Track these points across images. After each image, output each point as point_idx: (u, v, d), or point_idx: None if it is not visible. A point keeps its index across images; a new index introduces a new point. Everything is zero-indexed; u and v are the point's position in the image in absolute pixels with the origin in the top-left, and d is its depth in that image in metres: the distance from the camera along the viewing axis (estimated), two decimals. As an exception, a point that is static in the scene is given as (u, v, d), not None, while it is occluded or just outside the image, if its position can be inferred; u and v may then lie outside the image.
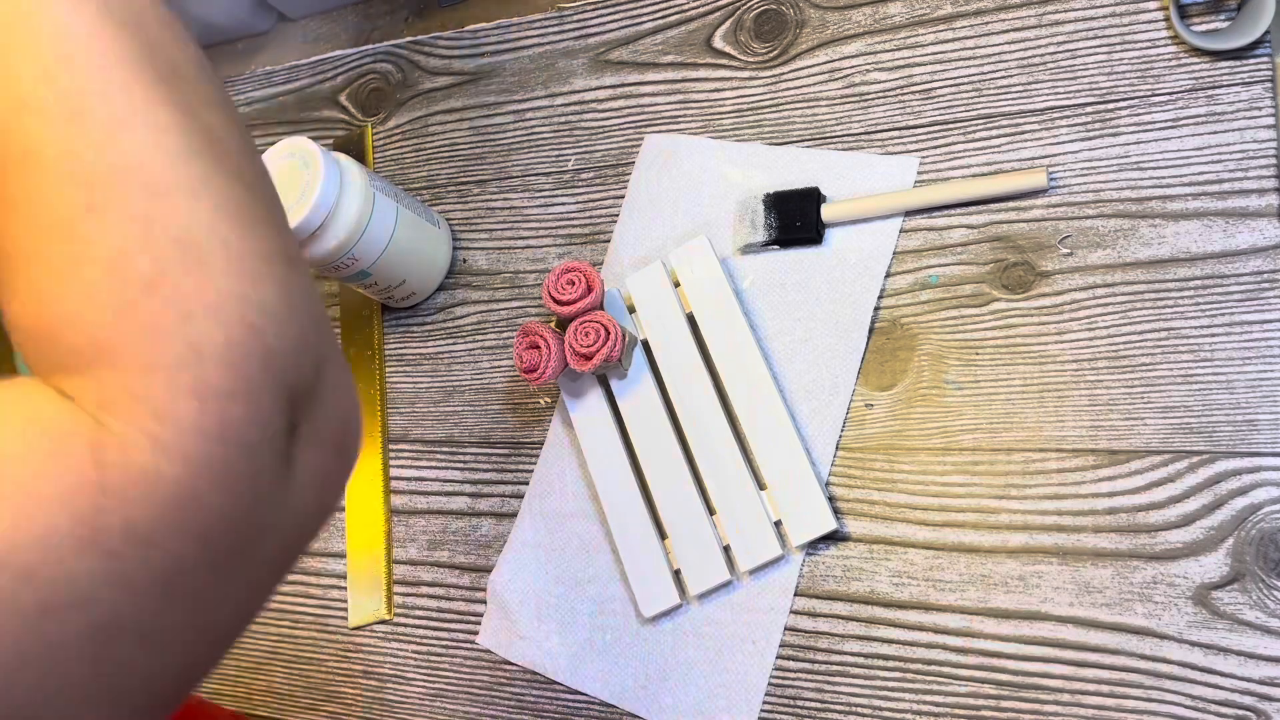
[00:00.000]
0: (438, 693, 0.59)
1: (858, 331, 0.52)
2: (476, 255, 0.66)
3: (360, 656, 0.62)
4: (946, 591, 0.48)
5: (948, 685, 0.47)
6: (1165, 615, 0.44)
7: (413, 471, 0.63)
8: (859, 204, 0.53)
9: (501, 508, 0.60)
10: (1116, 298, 0.48)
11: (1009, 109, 0.53)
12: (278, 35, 0.82)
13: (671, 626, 0.53)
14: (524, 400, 0.61)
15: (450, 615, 0.60)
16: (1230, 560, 0.43)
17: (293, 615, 0.65)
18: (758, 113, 0.59)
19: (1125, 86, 0.50)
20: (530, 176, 0.65)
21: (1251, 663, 0.42)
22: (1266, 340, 0.45)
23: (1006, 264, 0.50)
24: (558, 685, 0.55)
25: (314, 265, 0.59)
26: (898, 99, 0.55)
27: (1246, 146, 0.47)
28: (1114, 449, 0.46)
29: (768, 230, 0.55)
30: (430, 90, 0.71)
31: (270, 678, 0.64)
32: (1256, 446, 0.44)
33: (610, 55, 0.65)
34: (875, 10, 0.57)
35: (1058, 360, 0.48)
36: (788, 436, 0.51)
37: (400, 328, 0.67)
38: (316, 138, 0.76)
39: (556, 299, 0.54)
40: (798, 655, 0.50)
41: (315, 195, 0.56)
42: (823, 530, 0.50)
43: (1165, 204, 0.48)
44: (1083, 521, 0.46)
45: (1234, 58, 0.49)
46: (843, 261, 0.54)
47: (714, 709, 0.51)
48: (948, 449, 0.50)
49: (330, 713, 0.62)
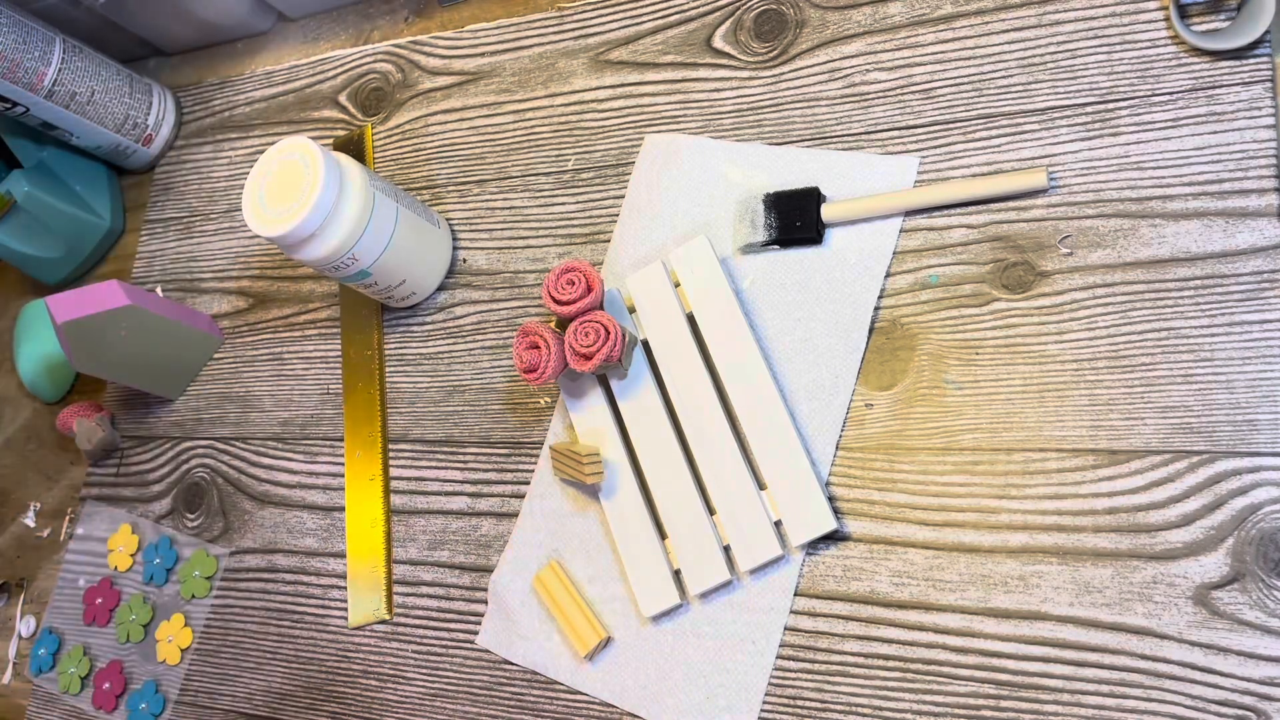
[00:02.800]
0: (438, 693, 0.59)
1: (858, 331, 0.52)
2: (476, 255, 0.66)
3: (360, 656, 0.62)
4: (946, 591, 0.48)
5: (948, 685, 0.47)
6: (1165, 615, 0.44)
7: (413, 471, 0.63)
8: (859, 204, 0.53)
9: (501, 508, 0.60)
10: (1116, 298, 0.48)
11: (1009, 109, 0.53)
12: (278, 35, 0.82)
13: (671, 626, 0.53)
14: (524, 400, 0.61)
15: (450, 615, 0.60)
16: (1230, 560, 0.43)
17: (293, 615, 0.65)
18: (758, 113, 0.59)
19: (1125, 86, 0.50)
20: (530, 176, 0.65)
21: (1251, 663, 0.42)
22: (1266, 340, 0.45)
23: (1006, 264, 0.50)
24: (558, 685, 0.55)
25: (314, 265, 0.59)
26: (898, 99, 0.55)
27: (1246, 146, 0.47)
28: (1114, 449, 0.46)
29: (768, 230, 0.55)
30: (430, 90, 0.71)
31: (270, 678, 0.64)
32: (1256, 446, 0.44)
33: (610, 55, 0.65)
34: (875, 10, 0.57)
35: (1058, 360, 0.48)
36: (788, 436, 0.51)
37: (400, 328, 0.67)
38: (316, 138, 0.76)
39: (556, 299, 0.54)
40: (798, 655, 0.50)
41: (315, 195, 0.56)
42: (823, 530, 0.50)
43: (1165, 204, 0.48)
44: (1083, 521, 0.46)
45: (1234, 58, 0.49)
46: (843, 261, 0.54)
47: (714, 709, 0.51)
48: (948, 449, 0.50)
49: (330, 713, 0.62)
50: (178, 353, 0.73)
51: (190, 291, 0.78)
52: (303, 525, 0.66)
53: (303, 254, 0.59)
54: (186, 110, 0.84)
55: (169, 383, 0.74)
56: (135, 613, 0.70)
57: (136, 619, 0.70)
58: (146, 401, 0.76)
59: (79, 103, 0.76)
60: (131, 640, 0.70)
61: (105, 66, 0.78)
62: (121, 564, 0.72)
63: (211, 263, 0.78)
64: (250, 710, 0.64)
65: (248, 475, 0.70)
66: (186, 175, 0.82)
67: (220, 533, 0.69)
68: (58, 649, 0.73)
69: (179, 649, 0.68)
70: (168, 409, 0.75)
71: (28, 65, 0.72)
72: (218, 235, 0.78)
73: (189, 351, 0.74)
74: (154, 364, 0.72)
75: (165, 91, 0.83)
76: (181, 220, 0.81)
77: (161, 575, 0.70)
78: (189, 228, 0.80)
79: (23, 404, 0.85)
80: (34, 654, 0.73)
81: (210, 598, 0.68)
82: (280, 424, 0.70)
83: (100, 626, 0.72)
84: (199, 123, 0.83)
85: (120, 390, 0.78)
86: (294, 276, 0.73)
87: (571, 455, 0.54)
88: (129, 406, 0.77)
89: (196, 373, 0.75)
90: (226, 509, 0.70)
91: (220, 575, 0.68)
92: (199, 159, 0.82)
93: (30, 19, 0.73)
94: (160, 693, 0.68)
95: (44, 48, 0.73)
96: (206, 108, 0.83)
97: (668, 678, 0.52)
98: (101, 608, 0.72)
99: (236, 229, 0.78)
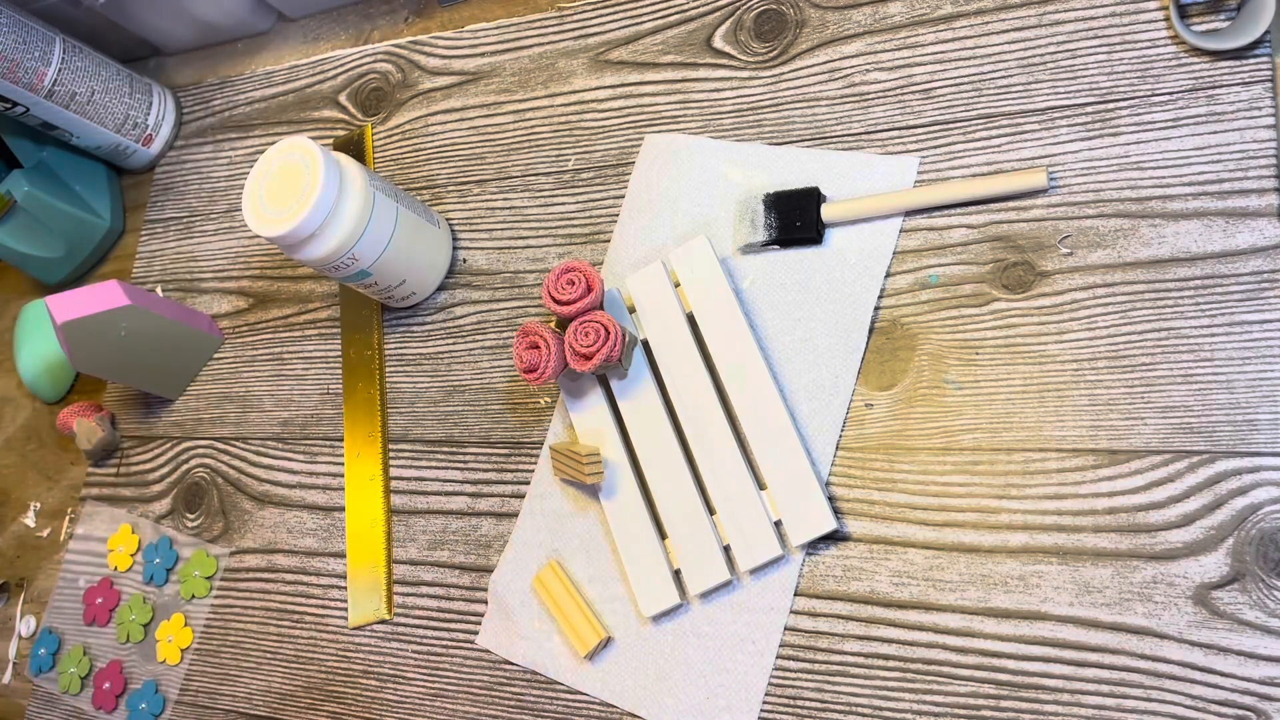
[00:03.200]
0: (438, 693, 0.59)
1: (858, 331, 0.52)
2: (476, 255, 0.66)
3: (360, 656, 0.62)
4: (946, 591, 0.48)
5: (948, 685, 0.47)
6: (1165, 615, 0.44)
7: (413, 471, 0.63)
8: (859, 204, 0.53)
9: (501, 508, 0.60)
10: (1116, 298, 0.48)
11: (1009, 109, 0.53)
12: (278, 35, 0.82)
13: (672, 626, 0.53)
14: (524, 400, 0.61)
15: (450, 615, 0.60)
16: (1230, 560, 0.43)
17: (293, 615, 0.65)
18: (758, 113, 0.59)
19: (1125, 86, 0.50)
20: (530, 176, 0.65)
21: (1251, 663, 0.42)
22: (1266, 340, 0.45)
23: (1006, 264, 0.50)
24: (558, 685, 0.55)
25: (314, 265, 0.59)
26: (898, 99, 0.55)
27: (1246, 146, 0.47)
28: (1114, 449, 0.46)
29: (768, 230, 0.55)
30: (430, 90, 0.71)
31: (270, 678, 0.64)
32: (1256, 446, 0.44)
33: (610, 55, 0.65)
34: (875, 10, 0.57)
35: (1058, 360, 0.48)
36: (788, 436, 0.51)
37: (400, 328, 0.67)
38: (316, 138, 0.76)
39: (556, 299, 0.54)
40: (798, 655, 0.50)
41: (315, 195, 0.56)
42: (823, 530, 0.50)
43: (1165, 204, 0.48)
44: (1083, 521, 0.46)
45: (1234, 58, 0.49)
46: (843, 261, 0.54)
47: (714, 709, 0.51)
48: (948, 449, 0.50)
49: (330, 713, 0.62)
50: (178, 353, 0.73)
51: (190, 291, 0.78)
52: (303, 525, 0.66)
53: (303, 254, 0.59)
54: (186, 110, 0.84)
55: (169, 383, 0.74)
56: (135, 613, 0.70)
57: (136, 619, 0.70)
58: (146, 401, 0.76)
59: (79, 103, 0.76)
60: (131, 640, 0.70)
61: (105, 66, 0.78)
62: (121, 564, 0.72)
63: (211, 263, 0.78)
64: (250, 710, 0.64)
65: (248, 475, 0.70)
66: (186, 175, 0.82)
67: (220, 533, 0.69)
68: (58, 649, 0.73)
69: (179, 649, 0.68)
70: (168, 409, 0.75)
71: (28, 65, 0.72)
72: (218, 235, 0.78)
73: (189, 351, 0.74)
74: (154, 364, 0.72)
75: (165, 91, 0.83)
76: (181, 220, 0.81)
77: (161, 575, 0.70)
78: (189, 228, 0.80)
79: (23, 404, 0.85)
80: (34, 654, 0.73)
81: (210, 598, 0.68)
82: (280, 424, 0.70)
83: (100, 626, 0.72)
84: (199, 123, 0.83)
85: (120, 390, 0.78)
86: (294, 276, 0.73)
87: (571, 455, 0.54)
88: (129, 406, 0.77)
89: (196, 373, 0.75)
90: (226, 509, 0.70)
91: (220, 575, 0.68)
92: (199, 159, 0.82)
93: (30, 19, 0.73)
94: (160, 693, 0.68)
95: (44, 48, 0.73)
96: (206, 108, 0.83)
97: (668, 678, 0.52)
98: (101, 608, 0.72)
99: (236, 229, 0.78)
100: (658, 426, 0.55)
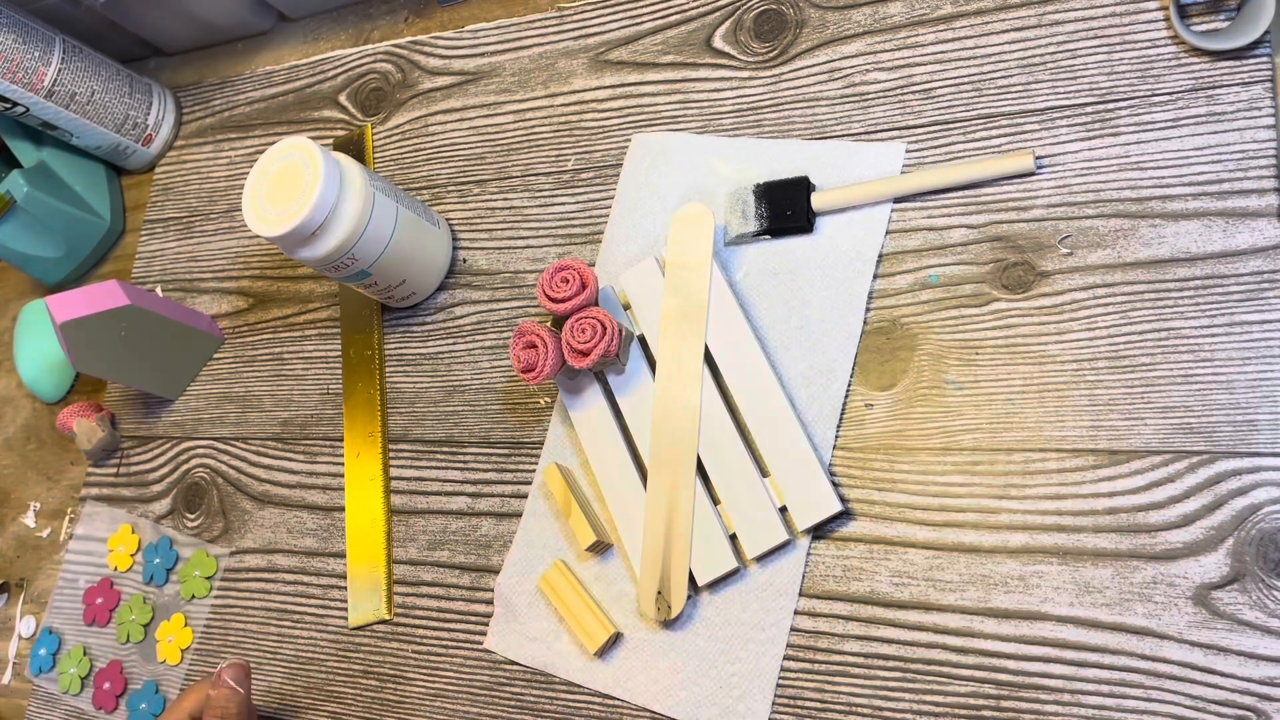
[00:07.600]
0: (438, 693, 0.59)
1: (853, 316, 0.52)
2: (476, 255, 0.66)
3: (360, 656, 0.62)
4: (946, 591, 0.48)
5: (948, 685, 0.47)
6: (1165, 615, 0.44)
7: (413, 471, 0.63)
8: (849, 191, 0.53)
9: (501, 508, 0.60)
10: (1116, 298, 0.48)
11: (1009, 109, 0.53)
12: (278, 35, 0.82)
13: (682, 618, 0.53)
14: (524, 400, 0.61)
15: (450, 615, 0.60)
16: (1230, 560, 0.43)
17: (293, 615, 0.65)
18: (757, 112, 0.59)
19: (1125, 86, 0.50)
20: (530, 176, 0.65)
21: (1251, 663, 0.42)
22: (1266, 340, 0.45)
23: (1006, 264, 0.50)
24: (558, 685, 0.55)
25: (314, 265, 0.59)
26: (898, 99, 0.55)
27: (1246, 146, 0.47)
28: (1114, 449, 0.46)
29: (759, 220, 0.55)
30: (430, 90, 0.71)
31: (270, 678, 0.64)
32: (1256, 446, 0.44)
33: (610, 55, 0.65)
34: (875, 10, 0.57)
35: (1058, 360, 0.48)
36: (788, 423, 0.51)
37: (400, 328, 0.67)
38: (316, 138, 0.76)
39: (551, 297, 0.54)
40: (798, 655, 0.50)
41: (315, 195, 0.56)
42: (828, 512, 0.50)
43: (1165, 204, 0.48)
44: (1083, 521, 0.46)
45: (1234, 58, 0.49)
46: (835, 248, 0.54)
47: (728, 698, 0.51)
48: (948, 449, 0.50)
49: (330, 713, 0.62)
50: (178, 353, 0.73)
51: (190, 291, 0.78)
52: (303, 525, 0.66)
53: (303, 254, 0.59)
54: (186, 110, 0.84)
55: (169, 383, 0.74)
56: (135, 613, 0.70)
57: (136, 619, 0.70)
58: (146, 401, 0.76)
59: (79, 103, 0.76)
60: (131, 640, 0.70)
61: (105, 66, 0.78)
62: (121, 564, 0.72)
63: (211, 263, 0.78)
64: (250, 710, 0.64)
65: (248, 475, 0.70)
66: (186, 175, 0.82)
67: (220, 533, 0.69)
68: (58, 649, 0.73)
69: (179, 649, 0.68)
70: (168, 409, 0.75)
71: (28, 65, 0.72)
72: (218, 235, 0.78)
73: (189, 351, 0.74)
74: (154, 364, 0.72)
75: (165, 91, 0.83)
76: (181, 220, 0.81)
77: (161, 575, 0.70)
78: (189, 228, 0.80)
79: (23, 404, 0.85)
80: (34, 654, 0.73)
81: (210, 598, 0.68)
82: (280, 424, 0.70)
83: (100, 626, 0.72)
84: (199, 123, 0.83)
85: (120, 390, 0.78)
86: (294, 276, 0.73)
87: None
88: (129, 406, 0.77)
89: (196, 373, 0.75)
90: (226, 509, 0.70)
91: (220, 575, 0.68)
92: (199, 159, 0.82)
93: (30, 19, 0.73)
94: (160, 693, 0.68)
95: (44, 48, 0.73)
96: (206, 108, 0.83)
97: (680, 670, 0.52)
98: (101, 608, 0.72)
99: (236, 229, 0.78)
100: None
